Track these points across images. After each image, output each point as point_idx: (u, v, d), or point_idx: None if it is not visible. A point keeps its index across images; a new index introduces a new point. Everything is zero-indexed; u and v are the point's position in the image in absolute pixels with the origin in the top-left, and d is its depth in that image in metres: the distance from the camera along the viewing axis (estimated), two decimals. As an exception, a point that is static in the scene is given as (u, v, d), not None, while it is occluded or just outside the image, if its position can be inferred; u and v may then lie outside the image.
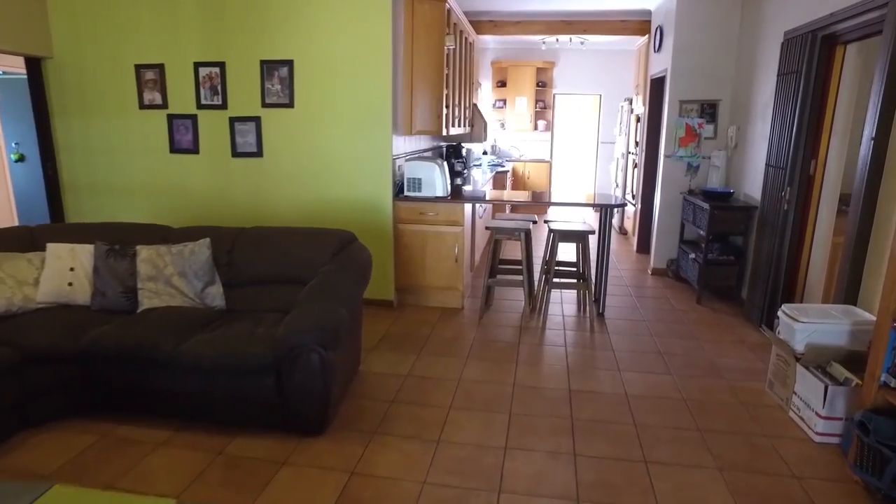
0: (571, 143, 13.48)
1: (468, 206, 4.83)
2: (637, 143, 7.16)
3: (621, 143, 8.00)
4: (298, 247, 3.48)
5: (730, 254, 5.03)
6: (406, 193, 4.72)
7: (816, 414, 2.85)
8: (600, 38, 8.63)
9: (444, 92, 4.82)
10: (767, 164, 4.38)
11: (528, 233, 4.65)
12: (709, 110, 5.58)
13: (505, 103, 9.83)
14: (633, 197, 7.28)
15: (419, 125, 4.80)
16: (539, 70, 9.74)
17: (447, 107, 5.06)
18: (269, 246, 3.51)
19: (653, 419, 3.07)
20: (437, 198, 4.68)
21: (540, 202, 4.83)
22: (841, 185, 3.92)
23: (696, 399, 3.31)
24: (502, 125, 9.97)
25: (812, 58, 3.84)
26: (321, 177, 4.67)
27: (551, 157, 10.22)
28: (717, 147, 5.58)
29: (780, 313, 3.27)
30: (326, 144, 4.60)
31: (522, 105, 9.73)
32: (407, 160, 4.79)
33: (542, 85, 9.74)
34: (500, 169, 7.69)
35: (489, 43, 9.61)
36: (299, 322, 2.73)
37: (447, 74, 4.90)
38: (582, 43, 8.71)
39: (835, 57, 3.80)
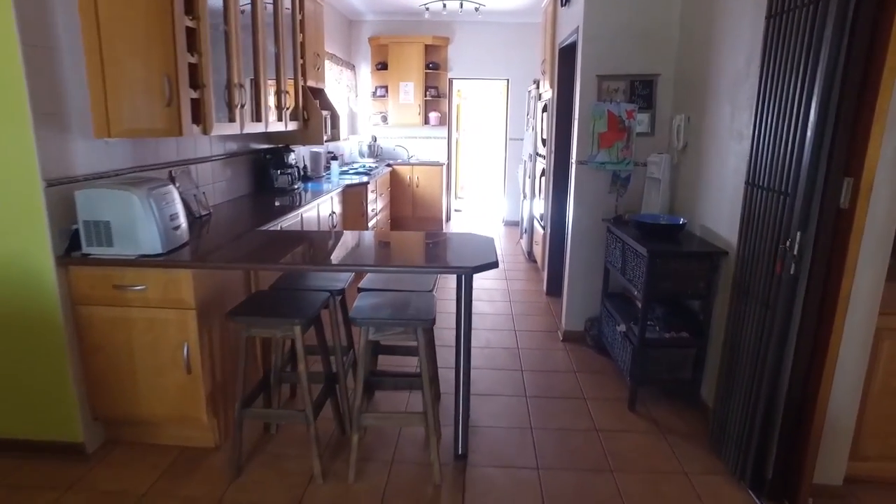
0: (477, 141, 11.49)
1: (215, 273, 2.57)
2: (544, 142, 5.12)
3: (529, 140, 5.99)
4: None
5: (681, 327, 3.03)
6: (86, 249, 2.43)
7: None
8: (502, 5, 6.56)
9: (184, 61, 2.56)
10: (751, 184, 2.37)
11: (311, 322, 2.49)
12: (642, 91, 3.57)
13: (387, 91, 7.63)
14: (541, 218, 5.24)
15: (129, 121, 2.52)
16: (429, 48, 7.59)
17: (229, 91, 2.80)
18: None
19: None
20: (142, 257, 2.42)
21: (320, 266, 2.61)
22: (908, 229, 1.97)
23: None
24: (384, 118, 7.76)
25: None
26: None
27: (449, 159, 8.10)
28: (657, 149, 3.59)
29: None
30: None
31: (409, 92, 7.56)
32: (94, 188, 2.51)
33: (434, 67, 7.60)
34: (362, 179, 5.49)
35: (364, 14, 7.38)
36: None
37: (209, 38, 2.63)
38: (477, 9, 6.62)
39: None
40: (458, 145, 10.37)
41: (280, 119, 4.10)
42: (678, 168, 3.39)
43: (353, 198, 5.18)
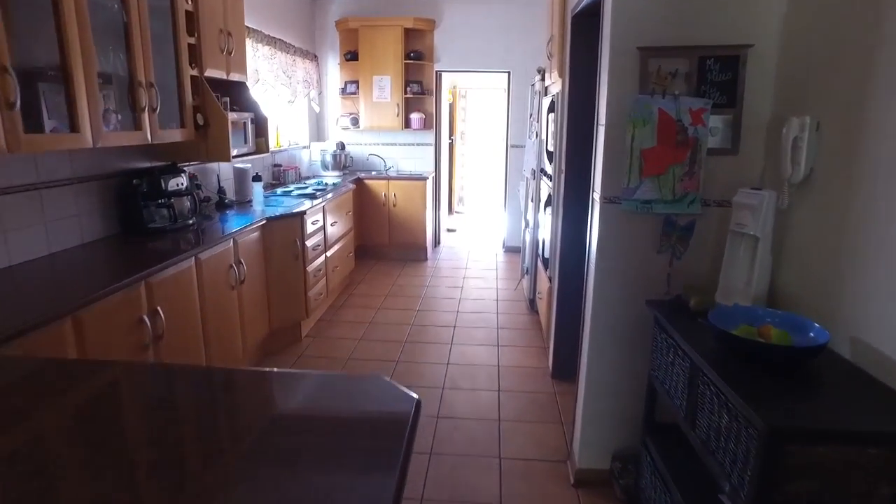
0: (478, 147, 9.95)
1: None
2: (550, 157, 3.57)
3: (532, 151, 4.45)
4: None
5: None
6: None
7: None
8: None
9: None
10: None
11: None
12: (719, 75, 2.02)
13: (358, 87, 6.12)
14: (547, 263, 3.68)
15: None
16: (410, 34, 6.07)
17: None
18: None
19: None
20: None
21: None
22: None
23: None
24: (354, 121, 6.25)
25: None
26: None
27: (437, 170, 6.56)
28: (746, 178, 2.04)
29: None
30: None
31: (384, 88, 6.04)
32: None
33: (417, 57, 6.08)
34: (299, 206, 3.98)
35: (329, -11, 5.90)
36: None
37: None
38: (465, -21, 5.09)
39: None
40: (451, 153, 8.85)
41: (138, 126, 2.61)
42: (792, 216, 1.84)
43: (282, 234, 3.67)
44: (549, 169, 3.68)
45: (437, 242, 6.80)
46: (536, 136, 4.23)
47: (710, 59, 1.99)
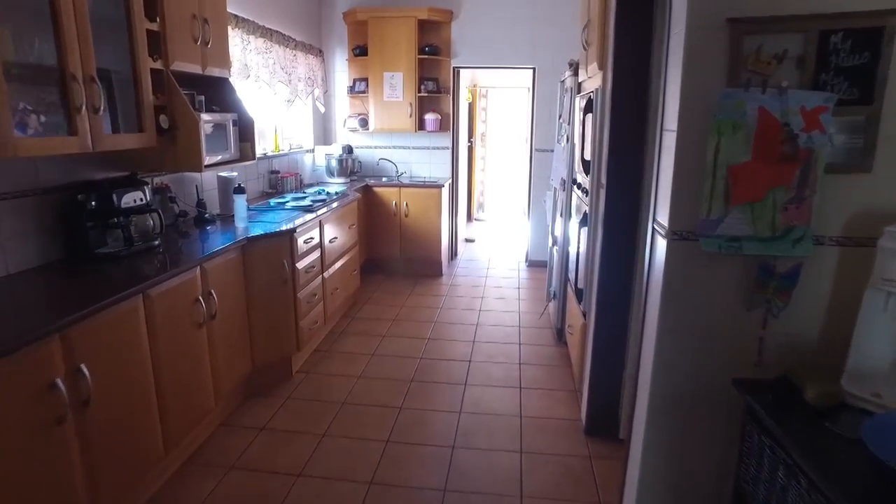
0: (498, 152, 9.34)
1: None
2: (586, 167, 2.93)
3: (560, 158, 3.84)
4: None
5: None
6: None
7: None
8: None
9: None
10: None
11: None
12: (848, 58, 1.39)
13: (367, 85, 5.56)
14: (580, 293, 3.05)
15: None
16: (425, 26, 5.50)
17: None
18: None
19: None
20: None
21: None
22: None
23: None
24: (363, 122, 5.69)
25: None
26: None
27: (453, 177, 5.98)
28: (890, 208, 1.41)
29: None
30: None
31: (396, 86, 5.47)
32: None
33: (433, 51, 5.50)
34: (290, 222, 3.44)
35: (336, -22, 5.36)
36: None
37: None
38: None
39: None
40: (471, 156, 8.26)
41: (73, 130, 2.07)
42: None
43: (267, 256, 3.12)
44: (583, 181, 3.07)
45: (453, 255, 6.21)
46: (567, 140, 3.61)
47: (838, 35, 1.37)
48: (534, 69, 5.60)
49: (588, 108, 2.80)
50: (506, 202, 9.26)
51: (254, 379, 3.20)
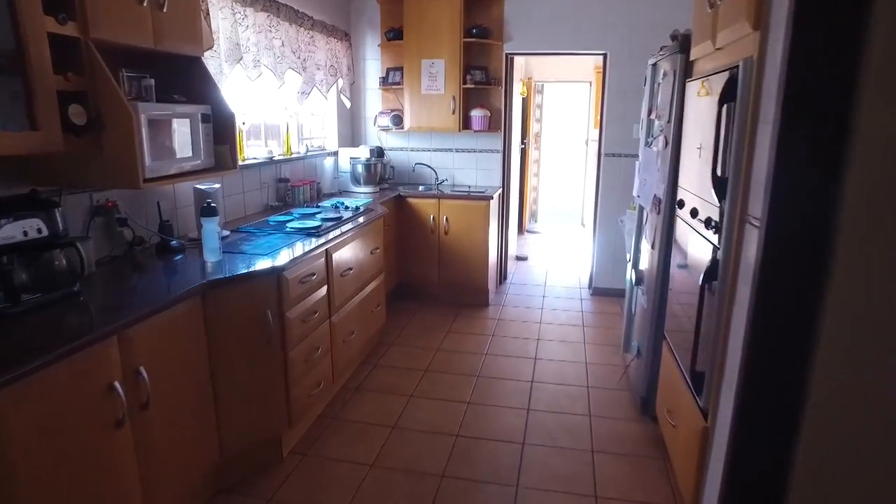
0: (555, 155, 8.28)
1: None
2: (721, 187, 1.90)
3: (653, 168, 2.80)
4: None
5: None
6: None
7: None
8: None
9: None
10: None
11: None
12: None
13: (402, 76, 4.64)
14: (696, 379, 2.02)
15: None
16: (472, 3, 4.54)
17: None
18: None
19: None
20: None
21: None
22: None
23: None
24: (396, 120, 4.77)
25: None
26: None
27: (505, 186, 4.99)
28: None
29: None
30: None
31: (437, 77, 4.53)
32: None
33: (481, 34, 4.53)
34: (273, 261, 2.56)
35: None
36: None
37: None
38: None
39: None
40: (524, 160, 7.23)
41: None
42: None
43: (241, 305, 2.22)
44: (704, 207, 2.03)
45: (502, 278, 5.23)
46: (666, 143, 2.57)
47: None
48: (605, 55, 4.55)
49: (727, 96, 1.75)
50: (562, 212, 8.20)
51: (224, 470, 2.32)
